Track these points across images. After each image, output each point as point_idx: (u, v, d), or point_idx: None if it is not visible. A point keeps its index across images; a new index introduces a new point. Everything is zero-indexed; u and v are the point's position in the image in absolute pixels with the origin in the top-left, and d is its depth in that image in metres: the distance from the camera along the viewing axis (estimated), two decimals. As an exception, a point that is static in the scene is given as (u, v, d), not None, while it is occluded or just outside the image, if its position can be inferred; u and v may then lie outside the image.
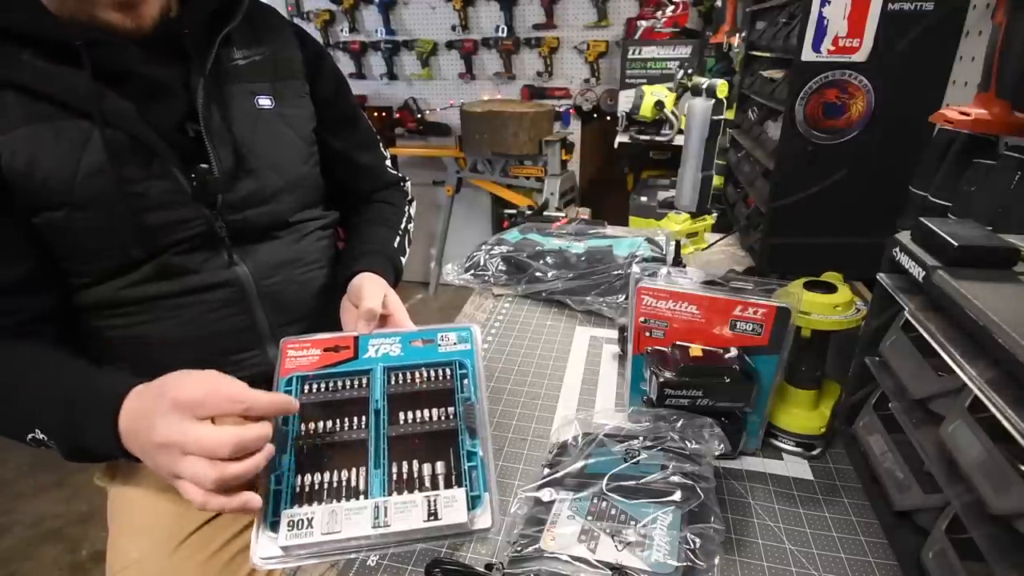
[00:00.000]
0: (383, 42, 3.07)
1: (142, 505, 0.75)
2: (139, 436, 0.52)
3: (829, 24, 0.77)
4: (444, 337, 0.64)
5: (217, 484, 0.46)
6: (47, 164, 0.61)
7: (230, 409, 0.49)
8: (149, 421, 0.50)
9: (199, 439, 0.47)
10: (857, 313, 0.60)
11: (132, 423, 0.53)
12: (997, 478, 0.36)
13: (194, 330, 0.72)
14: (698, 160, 1.10)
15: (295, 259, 0.80)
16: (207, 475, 0.46)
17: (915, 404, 0.49)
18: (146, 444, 0.50)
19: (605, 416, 0.63)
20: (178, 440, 0.47)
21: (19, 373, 0.61)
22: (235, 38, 0.74)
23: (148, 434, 0.49)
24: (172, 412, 0.48)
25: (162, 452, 0.48)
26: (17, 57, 0.60)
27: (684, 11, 2.49)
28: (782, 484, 0.62)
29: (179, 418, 0.48)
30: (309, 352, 0.61)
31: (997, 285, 0.42)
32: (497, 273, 1.05)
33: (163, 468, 0.49)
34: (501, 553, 0.54)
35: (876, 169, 0.84)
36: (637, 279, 0.63)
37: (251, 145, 0.73)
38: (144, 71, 0.65)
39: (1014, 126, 0.63)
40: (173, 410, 0.48)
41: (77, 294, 0.69)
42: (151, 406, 0.51)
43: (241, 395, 0.49)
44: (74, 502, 1.93)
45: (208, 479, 0.46)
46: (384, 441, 0.55)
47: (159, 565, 0.71)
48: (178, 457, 0.47)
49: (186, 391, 0.49)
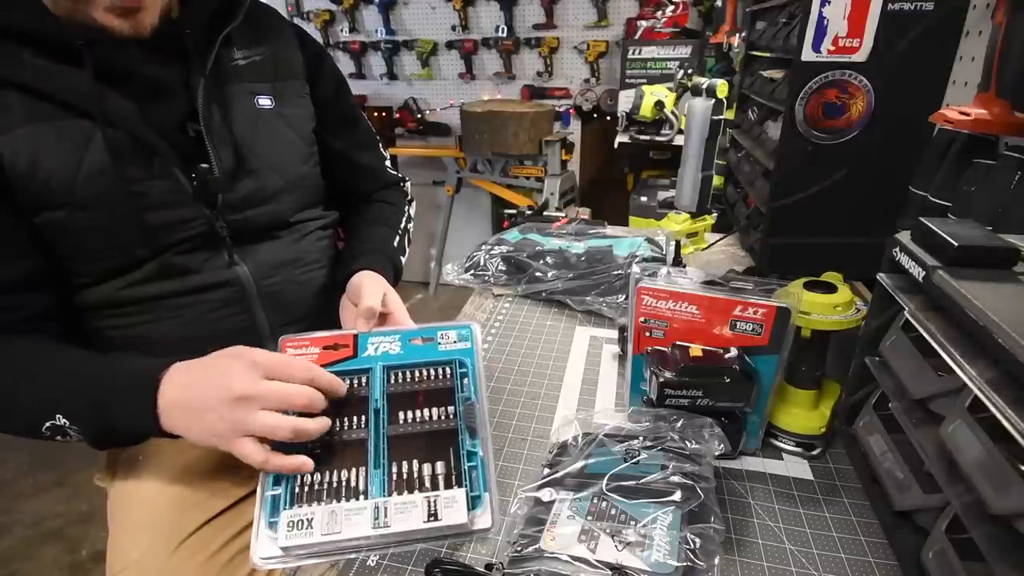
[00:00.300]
0: (383, 42, 3.07)
1: (142, 505, 0.75)
2: (196, 402, 0.54)
3: (829, 24, 0.77)
4: (444, 335, 0.64)
5: (293, 433, 0.51)
6: (49, 164, 0.61)
7: (300, 376, 0.54)
8: (220, 383, 0.53)
9: (279, 391, 0.52)
10: (857, 313, 0.60)
11: (181, 393, 0.55)
12: (997, 478, 0.36)
13: (195, 330, 0.72)
14: (698, 160, 1.10)
15: (295, 259, 0.80)
16: (285, 424, 0.51)
17: (915, 404, 0.49)
18: (212, 404, 0.53)
19: (605, 416, 0.63)
20: (260, 392, 0.52)
21: (32, 364, 0.61)
22: (235, 38, 0.74)
23: (218, 392, 0.52)
24: (252, 369, 0.53)
25: (238, 407, 0.52)
26: (18, 56, 0.60)
27: (684, 11, 2.49)
28: (782, 484, 0.62)
29: (258, 376, 0.53)
30: (308, 351, 0.61)
31: (997, 285, 0.42)
32: (497, 273, 1.05)
33: (231, 425, 0.52)
34: (501, 553, 0.53)
35: (876, 169, 0.84)
36: (637, 279, 0.63)
37: (251, 145, 0.73)
38: (145, 71, 0.65)
39: (1014, 126, 0.63)
40: (253, 368, 0.53)
41: (78, 294, 0.69)
42: (221, 368, 0.54)
43: (309, 365, 0.56)
44: (74, 502, 1.93)
45: (286, 428, 0.51)
46: (384, 441, 0.55)
47: (159, 565, 0.71)
48: (253, 411, 0.51)
49: (264, 354, 0.55)
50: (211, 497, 0.75)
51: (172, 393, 0.55)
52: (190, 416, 0.55)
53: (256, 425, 0.51)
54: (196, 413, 0.54)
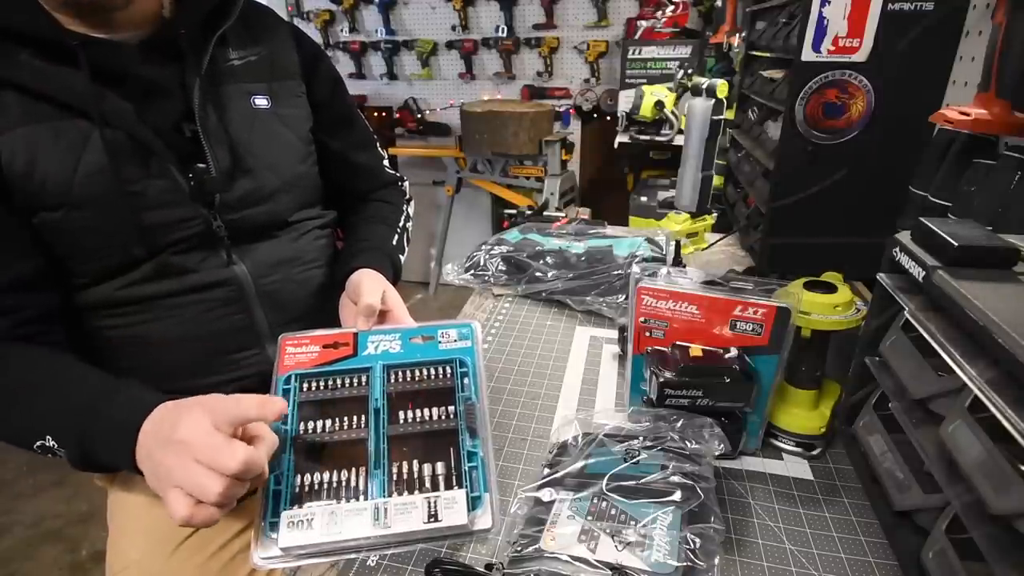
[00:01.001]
0: (383, 42, 3.07)
1: (142, 505, 0.75)
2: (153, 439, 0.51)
3: (829, 24, 0.77)
4: (445, 334, 0.63)
5: (220, 499, 0.45)
6: (46, 164, 0.61)
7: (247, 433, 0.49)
8: (171, 425, 0.49)
9: (211, 447, 0.46)
10: (857, 313, 0.60)
11: (151, 429, 0.52)
12: (997, 478, 0.36)
13: (193, 329, 0.72)
14: (698, 160, 1.10)
15: (293, 258, 0.80)
16: (212, 490, 0.45)
17: (915, 404, 0.49)
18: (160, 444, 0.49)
19: (605, 416, 0.63)
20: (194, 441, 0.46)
21: (34, 380, 0.60)
22: (230, 39, 0.74)
23: (167, 432, 0.49)
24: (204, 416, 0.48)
25: (172, 450, 0.47)
26: (16, 57, 0.60)
27: (684, 11, 2.49)
28: (782, 484, 0.62)
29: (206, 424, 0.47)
30: (308, 349, 0.61)
31: (997, 285, 0.42)
32: (497, 273, 1.05)
33: (167, 470, 0.48)
34: (501, 553, 0.53)
35: (876, 169, 0.84)
36: (637, 279, 0.63)
37: (248, 145, 0.73)
38: (141, 72, 0.65)
39: (1014, 126, 0.63)
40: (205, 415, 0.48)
41: (76, 294, 0.69)
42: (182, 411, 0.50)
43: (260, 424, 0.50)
44: (74, 502, 1.93)
45: (212, 493, 0.45)
46: (384, 441, 0.55)
47: (159, 565, 0.71)
48: (187, 461, 0.46)
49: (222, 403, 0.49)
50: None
51: (145, 431, 0.53)
52: (147, 454, 0.52)
53: (188, 480, 0.46)
54: (151, 452, 0.51)
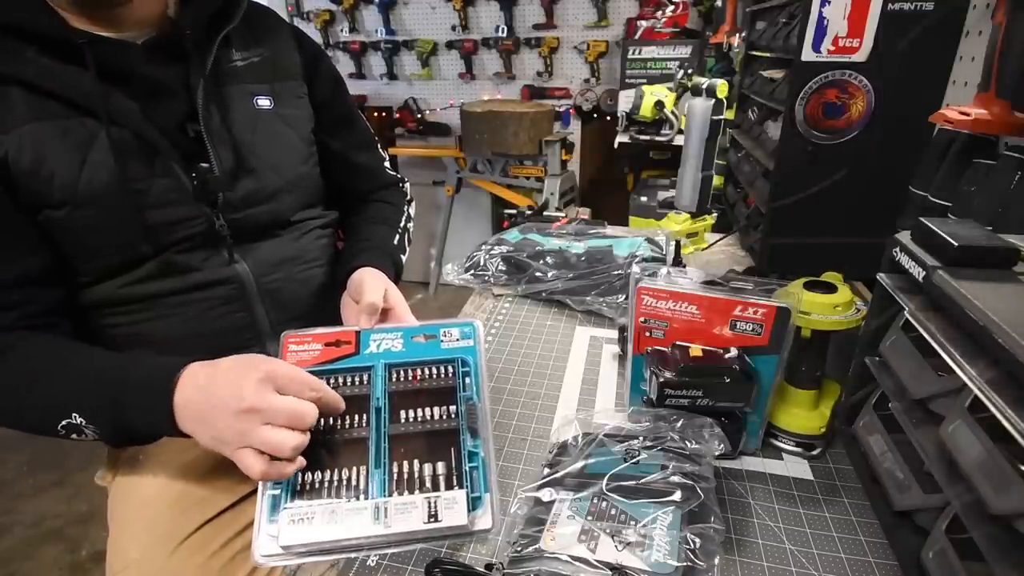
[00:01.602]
0: (383, 42, 3.07)
1: (143, 504, 0.75)
2: (207, 405, 0.53)
3: (829, 24, 0.77)
4: (447, 333, 0.63)
5: (293, 454, 0.50)
6: (53, 162, 0.61)
7: (308, 394, 0.52)
8: (232, 391, 0.51)
9: (288, 409, 0.50)
10: (857, 313, 0.60)
11: (196, 395, 0.54)
12: (997, 478, 0.36)
13: (195, 327, 0.72)
14: (698, 160, 1.10)
15: (295, 257, 0.80)
16: (288, 444, 0.49)
17: (915, 404, 0.49)
18: (221, 411, 0.52)
19: (605, 416, 0.63)
20: (269, 407, 0.50)
21: (48, 362, 0.61)
22: (234, 40, 0.75)
23: (228, 401, 0.51)
24: (265, 382, 0.51)
25: (245, 418, 0.50)
26: (22, 54, 0.60)
27: (684, 11, 2.49)
28: (782, 484, 0.62)
29: (268, 388, 0.51)
30: (310, 347, 0.61)
31: (997, 285, 0.42)
32: (497, 273, 1.05)
33: (236, 435, 0.51)
34: (501, 553, 0.54)
35: (876, 169, 0.84)
36: (637, 279, 0.63)
37: (251, 145, 0.73)
38: (146, 71, 0.66)
39: (1014, 126, 0.63)
40: (266, 380, 0.51)
41: (80, 292, 0.69)
42: (236, 376, 0.53)
43: (318, 384, 0.54)
44: (74, 502, 1.93)
45: (287, 448, 0.49)
46: (385, 440, 0.55)
47: (159, 565, 0.71)
48: (258, 425, 0.50)
49: (279, 367, 0.53)
50: (212, 496, 0.75)
51: (187, 394, 0.55)
52: (200, 418, 0.54)
53: (260, 440, 0.50)
54: (206, 417, 0.54)
